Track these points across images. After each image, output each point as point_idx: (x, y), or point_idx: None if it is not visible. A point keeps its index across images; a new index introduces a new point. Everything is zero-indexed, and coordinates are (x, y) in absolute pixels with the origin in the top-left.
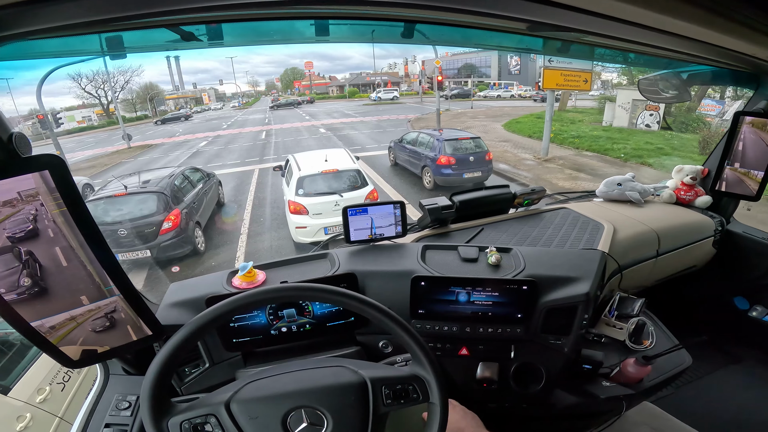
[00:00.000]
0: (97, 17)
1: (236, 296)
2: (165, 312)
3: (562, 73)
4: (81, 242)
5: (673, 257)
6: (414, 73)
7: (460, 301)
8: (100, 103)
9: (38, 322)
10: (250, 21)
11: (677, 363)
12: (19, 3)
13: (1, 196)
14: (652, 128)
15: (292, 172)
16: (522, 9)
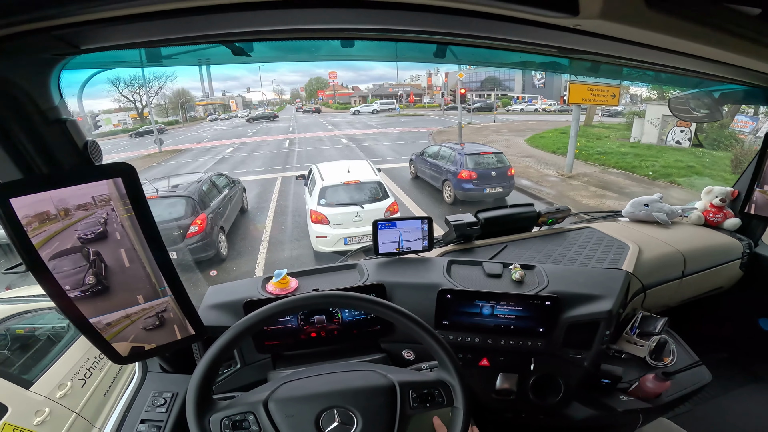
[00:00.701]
0: (161, 37)
1: (281, 301)
2: (205, 313)
3: (589, 88)
4: (143, 245)
5: (698, 279)
6: (437, 85)
7: (483, 314)
8: (135, 107)
9: (96, 318)
10: (290, 40)
11: (697, 379)
12: (96, 21)
13: (76, 199)
14: (682, 145)
15: (315, 182)
16: (554, 37)
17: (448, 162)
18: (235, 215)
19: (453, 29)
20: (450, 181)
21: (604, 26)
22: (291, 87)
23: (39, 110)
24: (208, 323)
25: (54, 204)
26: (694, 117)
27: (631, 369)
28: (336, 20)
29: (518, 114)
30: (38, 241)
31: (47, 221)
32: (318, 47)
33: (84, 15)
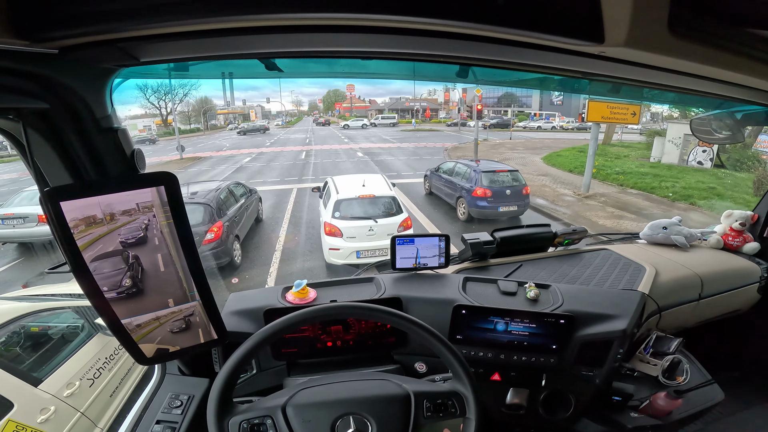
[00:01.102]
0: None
1: (304, 311)
2: (226, 319)
3: (609, 106)
4: (179, 250)
5: (715, 301)
6: (453, 100)
7: (497, 330)
8: (160, 114)
9: (128, 319)
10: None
11: (709, 398)
12: (158, 36)
13: (122, 205)
14: (704, 166)
15: (330, 195)
16: (577, 62)
17: (462, 179)
18: (251, 224)
19: (475, 54)
20: (464, 198)
21: (627, 53)
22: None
23: (94, 118)
24: (230, 329)
25: (101, 208)
26: (715, 138)
27: (642, 387)
28: (361, 44)
29: (535, 131)
30: (83, 243)
31: (93, 225)
32: (339, 63)
33: (149, 30)
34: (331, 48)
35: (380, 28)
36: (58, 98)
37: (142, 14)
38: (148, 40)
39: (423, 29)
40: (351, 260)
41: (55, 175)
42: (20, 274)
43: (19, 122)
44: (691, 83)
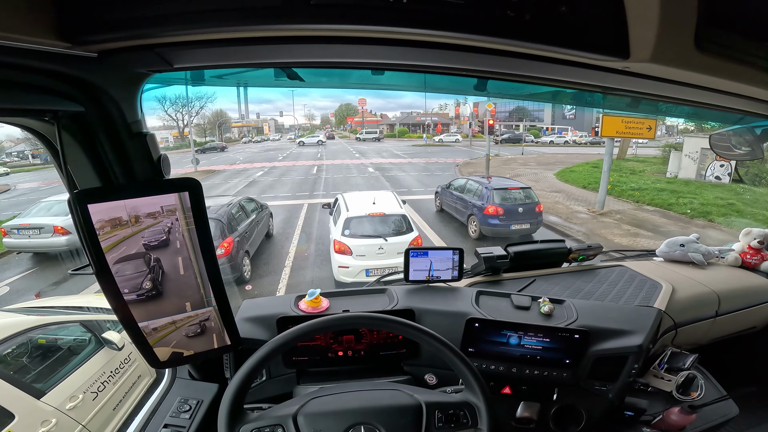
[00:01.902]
0: (241, 61)
1: (319, 319)
2: (239, 326)
3: (624, 120)
4: (198, 256)
5: (732, 318)
6: (464, 115)
7: (510, 343)
8: (177, 126)
9: (146, 323)
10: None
11: (723, 413)
12: (193, 42)
13: (147, 208)
14: (722, 181)
15: (340, 212)
16: (599, 77)
17: (474, 196)
18: (261, 240)
19: (493, 67)
20: (476, 215)
21: (652, 68)
22: (322, 112)
23: (125, 122)
24: (243, 335)
25: (127, 211)
26: (735, 154)
27: (656, 402)
28: (378, 55)
29: (547, 146)
30: (107, 245)
31: (118, 227)
32: (353, 75)
33: (183, 36)
34: (347, 59)
35: (397, 41)
36: (94, 101)
37: (179, 20)
38: (182, 46)
39: (441, 42)
40: (360, 278)
41: (84, 178)
42: (34, 284)
43: (53, 124)
44: (713, 98)
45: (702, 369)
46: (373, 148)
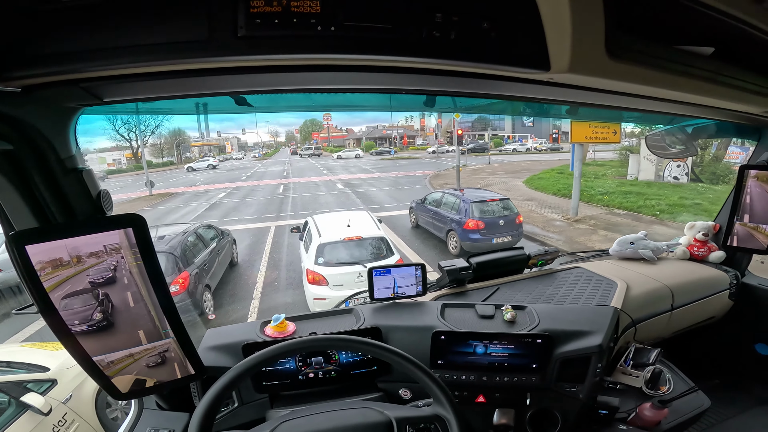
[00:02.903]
0: (177, 93)
1: (283, 344)
2: (204, 355)
3: (591, 125)
4: (150, 290)
5: (688, 310)
6: (430, 126)
7: (477, 353)
8: (130, 146)
9: (101, 356)
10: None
11: (696, 406)
12: (122, 76)
13: (89, 247)
14: (680, 181)
15: (311, 238)
16: (531, 90)
17: (452, 210)
18: (224, 270)
19: (440, 87)
20: (455, 231)
21: (573, 78)
22: (286, 128)
23: (58, 159)
24: (208, 364)
25: (68, 251)
26: (670, 153)
27: (627, 399)
28: (332, 81)
29: (511, 154)
30: (50, 285)
31: (60, 267)
32: (312, 98)
33: (110, 70)
34: (302, 86)
35: (349, 66)
36: (22, 138)
37: (103, 56)
38: (111, 80)
39: (391, 66)
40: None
41: (21, 218)
42: None
43: None
44: (636, 103)
45: (667, 362)
46: (342, 164)
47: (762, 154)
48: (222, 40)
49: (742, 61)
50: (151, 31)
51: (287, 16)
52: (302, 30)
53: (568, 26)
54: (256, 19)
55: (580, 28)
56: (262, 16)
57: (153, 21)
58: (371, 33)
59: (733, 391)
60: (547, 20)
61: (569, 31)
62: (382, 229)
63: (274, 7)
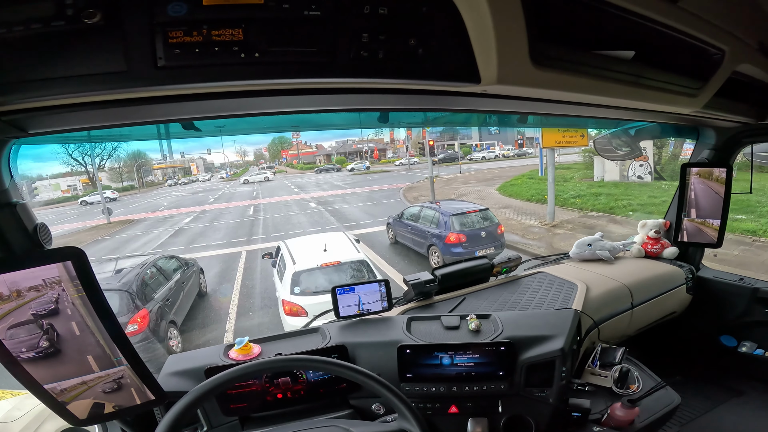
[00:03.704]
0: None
1: (239, 367)
2: (165, 380)
3: (560, 130)
4: (96, 320)
5: (649, 307)
6: (399, 139)
7: (444, 364)
8: (86, 171)
9: (52, 384)
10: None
11: (666, 402)
12: (44, 108)
13: (28, 282)
14: (645, 179)
15: (285, 265)
16: (469, 102)
17: (431, 224)
18: (191, 303)
19: (386, 104)
20: (436, 245)
21: (503, 89)
22: (254, 147)
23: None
24: (169, 389)
25: (7, 286)
26: (618, 155)
27: (598, 400)
28: (278, 105)
29: (480, 162)
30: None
31: (0, 301)
32: (260, 122)
33: (31, 102)
34: (244, 111)
35: (288, 90)
36: None
37: (21, 88)
38: (32, 112)
39: (327, 87)
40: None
41: None
42: None
43: None
44: (567, 109)
45: (634, 360)
46: (313, 182)
47: (702, 152)
48: (142, 71)
49: (663, 62)
50: (70, 64)
51: (208, 45)
52: (225, 58)
53: (493, 39)
54: (176, 50)
55: (504, 40)
56: (181, 47)
57: (71, 53)
58: (297, 57)
59: (703, 385)
60: (473, 34)
61: (494, 43)
62: (361, 250)
63: (194, 37)
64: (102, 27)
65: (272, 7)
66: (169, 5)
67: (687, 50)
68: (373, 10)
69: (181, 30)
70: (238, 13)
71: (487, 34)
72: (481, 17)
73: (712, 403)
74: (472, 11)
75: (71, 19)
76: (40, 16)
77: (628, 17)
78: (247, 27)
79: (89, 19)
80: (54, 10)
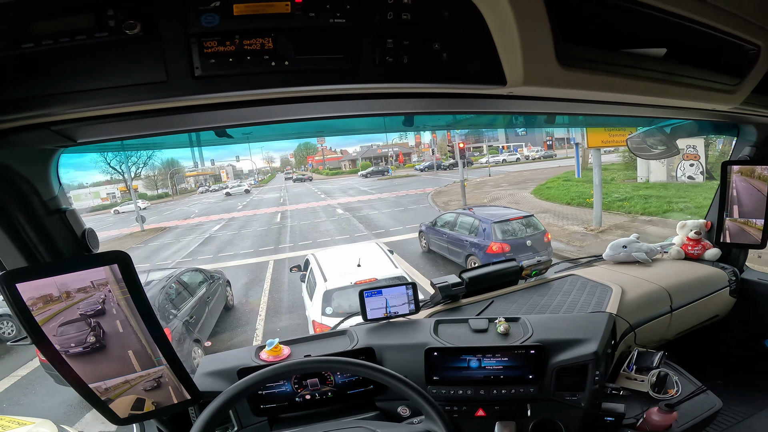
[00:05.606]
0: (152, 131)
1: (271, 367)
2: (199, 380)
3: (607, 129)
4: (139, 321)
5: (689, 311)
6: (425, 142)
7: (471, 367)
8: (123, 179)
9: (97, 383)
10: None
11: (707, 407)
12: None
13: (77, 284)
14: (696, 180)
15: (315, 282)
16: (495, 105)
17: (470, 233)
18: (216, 319)
19: (412, 109)
20: (476, 255)
21: (529, 90)
22: (281, 153)
23: (41, 201)
24: (203, 389)
25: (57, 287)
26: (653, 154)
27: (633, 405)
28: (306, 111)
29: (501, 165)
30: (42, 318)
31: (51, 302)
32: (290, 128)
33: (80, 112)
34: (275, 118)
35: (316, 97)
36: (4, 182)
37: (70, 99)
38: (80, 122)
39: (354, 93)
40: None
41: (10, 258)
42: None
43: None
44: (597, 109)
45: (673, 365)
46: (339, 188)
47: (743, 149)
48: (181, 81)
49: (697, 59)
50: (114, 74)
51: (241, 54)
52: (256, 66)
53: (517, 41)
54: (211, 59)
55: (529, 42)
56: (216, 56)
57: (116, 65)
58: (325, 64)
59: (745, 390)
60: (497, 37)
61: (519, 45)
62: (398, 264)
63: (227, 47)
64: (142, 38)
65: (299, 15)
66: (202, 16)
67: (721, 47)
68: (396, 16)
69: (215, 40)
70: (268, 22)
71: (511, 36)
72: (503, 20)
73: (754, 408)
74: (494, 14)
75: (113, 30)
76: (85, 27)
77: (656, 15)
78: (276, 36)
79: (130, 30)
80: (96, 22)
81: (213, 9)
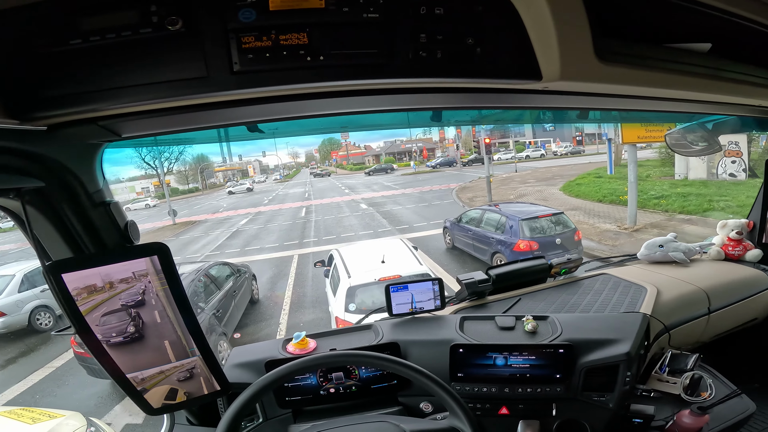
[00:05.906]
0: (192, 126)
1: (299, 360)
2: (229, 372)
3: (643, 124)
4: (176, 312)
5: (727, 313)
6: (449, 138)
7: (497, 364)
8: (157, 174)
9: (133, 374)
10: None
11: (740, 410)
12: (136, 113)
13: (119, 274)
14: (738, 177)
15: (339, 277)
16: (529, 100)
17: (497, 230)
18: (242, 312)
19: (442, 104)
20: (502, 253)
21: (566, 85)
22: (305, 149)
23: (87, 193)
24: (233, 380)
25: (101, 278)
26: (693, 151)
27: (664, 407)
28: (338, 106)
29: (524, 161)
30: (86, 308)
31: (95, 292)
32: (321, 122)
33: (125, 108)
34: (306, 113)
35: (348, 92)
36: (52, 175)
37: (115, 95)
38: (125, 117)
39: (386, 88)
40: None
41: (56, 249)
42: None
43: (18, 200)
44: (637, 104)
45: (707, 367)
46: (363, 183)
47: None
48: (220, 76)
49: (743, 55)
50: (157, 71)
51: (277, 49)
52: (292, 61)
53: (554, 36)
54: (249, 54)
55: (566, 37)
56: (253, 51)
57: (159, 61)
58: (359, 59)
59: None
60: (532, 32)
61: (555, 40)
62: (423, 261)
63: (264, 42)
64: (183, 34)
65: (333, 11)
66: (240, 11)
67: (767, 41)
68: (429, 11)
69: (253, 35)
70: (302, 17)
71: (548, 30)
72: (539, 14)
73: None
74: (529, 9)
75: (156, 26)
76: (129, 23)
77: (699, 9)
78: (311, 31)
79: (172, 26)
80: (140, 18)
81: (250, 4)
